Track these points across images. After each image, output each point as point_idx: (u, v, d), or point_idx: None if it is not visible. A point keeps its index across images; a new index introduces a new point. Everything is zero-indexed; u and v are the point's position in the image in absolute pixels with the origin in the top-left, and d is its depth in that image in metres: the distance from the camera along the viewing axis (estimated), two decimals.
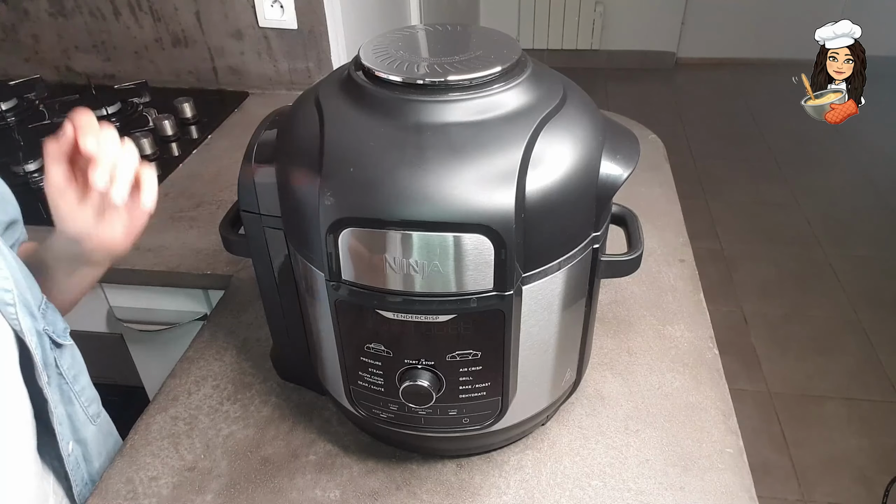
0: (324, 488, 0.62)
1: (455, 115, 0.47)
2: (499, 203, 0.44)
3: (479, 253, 0.45)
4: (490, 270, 0.46)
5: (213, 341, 0.78)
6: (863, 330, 2.01)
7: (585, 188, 0.49)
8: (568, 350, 0.60)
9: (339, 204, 0.45)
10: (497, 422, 0.56)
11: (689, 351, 0.75)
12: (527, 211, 0.45)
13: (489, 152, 0.45)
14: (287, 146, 0.52)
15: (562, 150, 0.48)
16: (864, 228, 2.44)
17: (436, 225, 0.44)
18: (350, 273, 0.48)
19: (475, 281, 0.46)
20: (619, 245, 0.59)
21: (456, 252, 0.45)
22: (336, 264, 0.48)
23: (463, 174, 0.44)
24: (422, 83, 0.47)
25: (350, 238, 0.46)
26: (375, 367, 0.53)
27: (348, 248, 0.47)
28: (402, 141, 0.46)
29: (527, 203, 0.45)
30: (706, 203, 2.59)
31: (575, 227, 0.51)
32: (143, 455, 0.65)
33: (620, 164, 0.51)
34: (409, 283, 0.47)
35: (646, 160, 1.13)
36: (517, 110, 0.48)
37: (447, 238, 0.44)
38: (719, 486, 0.61)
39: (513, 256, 0.45)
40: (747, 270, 2.25)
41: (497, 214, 0.44)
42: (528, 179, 0.45)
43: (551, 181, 0.46)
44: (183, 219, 1.01)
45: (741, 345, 1.97)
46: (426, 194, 0.44)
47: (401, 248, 0.45)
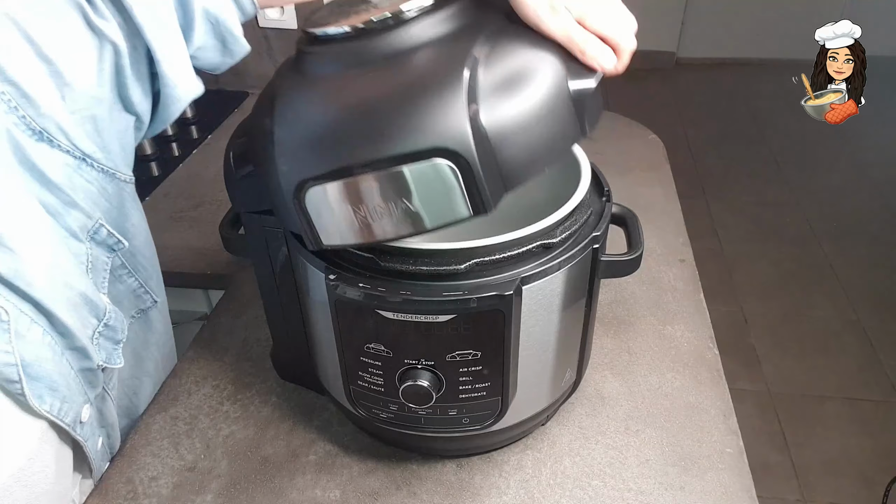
0: (324, 488, 0.62)
1: (395, 47, 0.45)
2: (451, 123, 0.41)
3: (443, 179, 0.42)
4: (462, 195, 0.43)
5: (213, 341, 0.78)
6: (863, 330, 2.00)
7: (552, 93, 0.45)
8: (568, 350, 0.60)
9: (294, 167, 0.45)
10: (497, 422, 0.56)
11: (689, 351, 0.75)
12: (487, 125, 0.42)
13: (434, 75, 0.43)
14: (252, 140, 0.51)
15: (515, 58, 0.45)
16: (864, 228, 2.44)
17: (389, 160, 0.42)
18: (327, 236, 0.46)
19: (451, 211, 0.44)
20: (619, 245, 0.59)
21: (419, 183, 0.42)
22: (312, 231, 0.46)
23: (410, 103, 0.42)
24: (360, 28, 0.46)
25: (315, 199, 0.45)
26: (375, 367, 0.53)
27: (316, 209, 0.45)
28: (346, 88, 0.45)
29: (484, 117, 0.42)
30: (706, 203, 2.59)
31: (556, 131, 0.46)
32: (143, 455, 0.65)
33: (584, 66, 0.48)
34: (386, 229, 0.45)
35: (646, 160, 1.13)
36: (462, 28, 0.46)
37: (405, 171, 0.42)
38: (719, 486, 0.61)
39: (480, 175, 0.42)
40: (747, 270, 2.25)
41: (451, 134, 0.41)
42: (483, 94, 0.42)
43: (509, 92, 0.43)
44: (183, 219, 1.01)
45: (741, 345, 1.97)
46: (372, 133, 0.42)
47: (364, 194, 0.43)
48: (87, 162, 0.51)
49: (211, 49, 0.55)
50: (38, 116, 0.46)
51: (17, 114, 0.45)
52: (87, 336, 0.54)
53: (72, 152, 0.50)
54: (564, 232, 0.52)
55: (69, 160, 0.50)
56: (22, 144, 0.46)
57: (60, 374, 0.52)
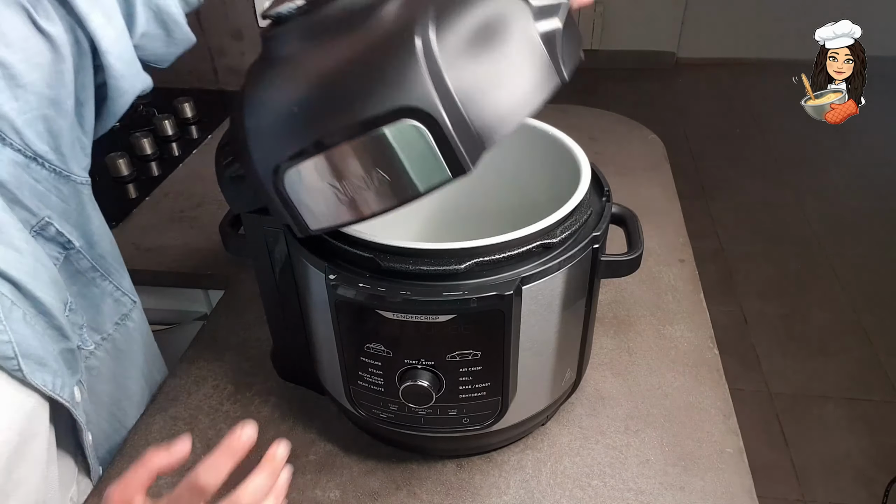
0: (324, 488, 0.62)
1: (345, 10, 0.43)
2: (412, 81, 0.40)
3: (413, 143, 0.41)
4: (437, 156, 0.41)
5: (213, 341, 0.78)
6: (863, 330, 2.00)
7: (516, 32, 0.43)
8: (568, 350, 0.60)
9: (266, 153, 0.44)
10: (497, 422, 0.56)
11: (689, 351, 0.75)
12: (452, 79, 0.40)
13: (386, 36, 0.41)
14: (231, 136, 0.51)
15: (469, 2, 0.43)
16: (864, 228, 2.44)
17: (356, 127, 0.40)
18: (312, 219, 0.45)
19: (430, 174, 0.42)
20: (619, 245, 0.59)
21: (390, 150, 0.41)
22: (297, 216, 0.45)
23: (363, 69, 0.41)
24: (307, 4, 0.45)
25: (292, 181, 0.44)
26: (375, 367, 0.53)
27: (295, 192, 0.44)
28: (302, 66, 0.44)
29: (444, 69, 0.40)
30: (706, 203, 2.59)
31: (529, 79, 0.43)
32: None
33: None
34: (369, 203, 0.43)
35: (646, 160, 1.13)
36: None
37: (375, 136, 0.40)
38: (719, 486, 0.61)
39: (451, 133, 0.40)
40: (747, 270, 2.25)
41: (413, 92, 0.40)
42: (443, 45, 0.40)
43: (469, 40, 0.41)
44: (183, 219, 1.01)
45: (741, 345, 1.97)
46: (336, 103, 0.41)
47: (339, 167, 0.42)
48: (37, 161, 0.51)
49: (154, 38, 0.56)
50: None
51: None
52: (63, 315, 0.54)
53: (23, 151, 0.50)
54: (564, 232, 0.52)
55: (19, 158, 0.50)
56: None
57: (46, 352, 0.52)
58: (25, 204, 0.51)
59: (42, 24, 0.48)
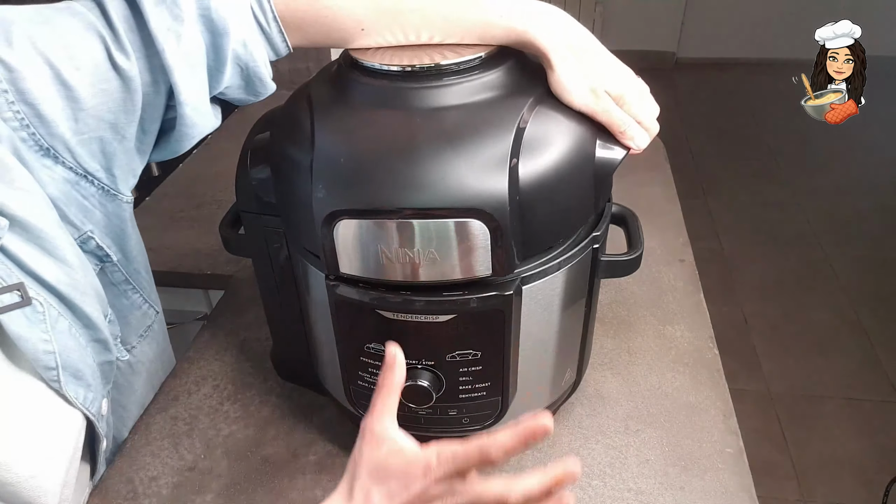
0: (324, 488, 0.62)
1: (445, 99, 0.46)
2: (492, 185, 0.43)
3: (474, 238, 0.44)
4: (487, 256, 0.45)
5: (213, 341, 0.78)
6: (863, 330, 2.00)
7: (581, 167, 0.49)
8: (568, 350, 0.60)
9: (331, 196, 0.45)
10: (497, 422, 0.56)
11: (689, 351, 0.75)
12: (522, 192, 0.44)
13: (481, 134, 0.45)
14: (280, 145, 0.52)
15: (555, 128, 0.48)
16: (864, 228, 2.44)
17: (429, 212, 0.43)
18: (348, 266, 0.48)
19: (473, 267, 0.46)
20: (619, 245, 0.59)
21: (451, 238, 0.44)
22: (333, 258, 0.47)
23: (455, 158, 0.44)
24: (410, 70, 0.47)
25: (345, 230, 0.46)
26: (375, 367, 0.53)
27: (344, 240, 0.46)
28: (393, 129, 0.46)
29: (521, 184, 0.44)
30: (706, 203, 2.59)
31: (574, 208, 0.50)
32: (143, 455, 0.65)
33: (616, 143, 0.51)
34: (406, 272, 0.46)
35: (646, 160, 1.13)
36: (507, 91, 0.48)
37: (441, 224, 0.44)
38: (719, 486, 0.61)
39: (510, 240, 0.45)
40: (747, 270, 2.25)
41: (491, 197, 0.43)
42: (522, 160, 0.45)
43: (545, 161, 0.46)
44: (183, 219, 1.01)
45: (741, 345, 1.97)
46: (418, 181, 0.44)
47: (396, 237, 0.45)
48: (87, 179, 0.52)
49: (236, 89, 0.55)
50: (49, 135, 0.47)
51: (27, 131, 0.46)
52: (105, 328, 0.55)
53: (75, 169, 0.50)
54: None
55: (70, 176, 0.50)
56: (26, 159, 0.46)
57: (85, 365, 0.53)
58: (71, 219, 0.52)
59: (116, 60, 0.48)
